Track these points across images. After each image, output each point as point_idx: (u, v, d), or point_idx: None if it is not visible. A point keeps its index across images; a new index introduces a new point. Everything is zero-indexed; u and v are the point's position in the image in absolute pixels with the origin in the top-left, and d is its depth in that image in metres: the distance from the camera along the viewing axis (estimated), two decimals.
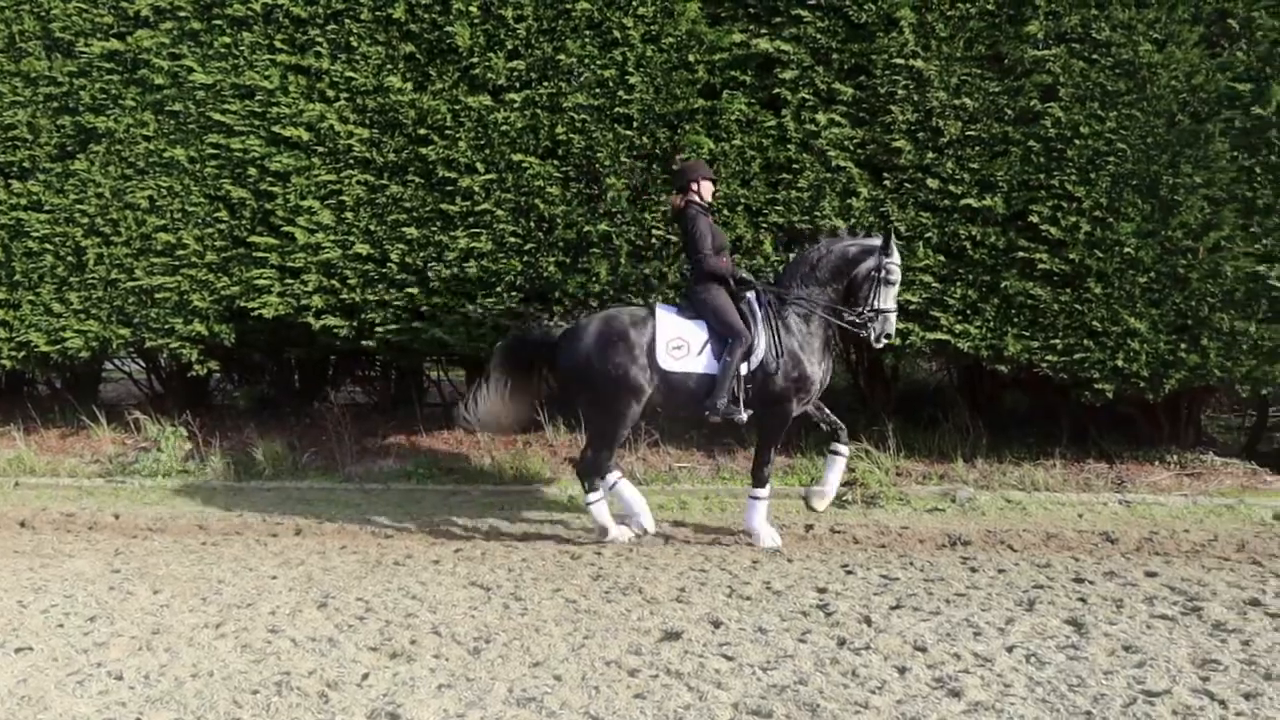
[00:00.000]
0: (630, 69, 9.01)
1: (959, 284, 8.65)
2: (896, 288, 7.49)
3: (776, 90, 8.90)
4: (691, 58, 8.94)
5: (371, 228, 9.47)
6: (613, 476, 7.65)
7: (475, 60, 9.24)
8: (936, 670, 4.91)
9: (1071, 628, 5.53)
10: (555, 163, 9.21)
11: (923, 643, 5.29)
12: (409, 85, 9.38)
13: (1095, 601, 5.99)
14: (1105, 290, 8.49)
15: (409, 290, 9.40)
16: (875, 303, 7.37)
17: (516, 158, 9.17)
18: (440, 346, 9.64)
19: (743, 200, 8.97)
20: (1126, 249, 8.41)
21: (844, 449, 7.75)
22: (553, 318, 9.16)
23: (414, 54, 9.36)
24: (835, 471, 7.75)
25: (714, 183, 8.02)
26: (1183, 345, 8.41)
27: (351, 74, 9.44)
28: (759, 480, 7.54)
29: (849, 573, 6.68)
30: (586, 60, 9.07)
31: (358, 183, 9.49)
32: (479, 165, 9.26)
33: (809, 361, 7.39)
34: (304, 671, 4.98)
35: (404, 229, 9.39)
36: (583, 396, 7.65)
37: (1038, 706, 4.48)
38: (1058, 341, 8.58)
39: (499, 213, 9.24)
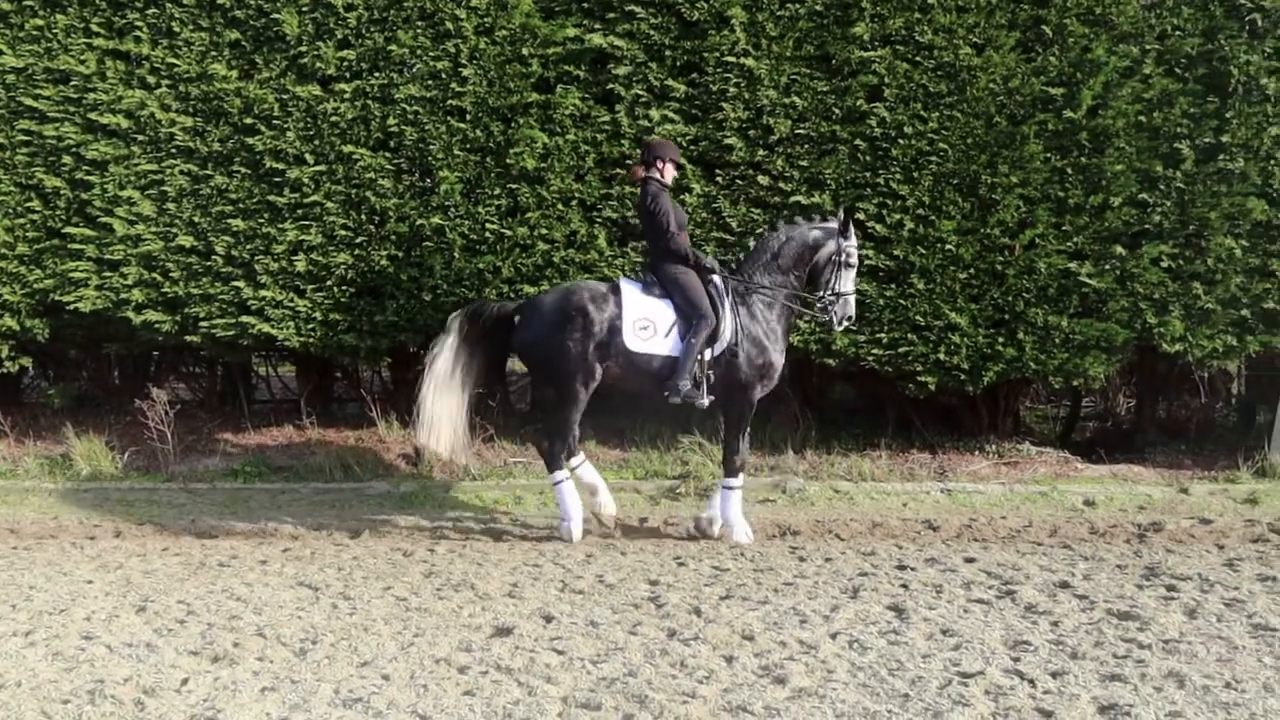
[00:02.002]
0: (463, 61, 8.92)
1: None
2: (855, 270, 7.55)
3: (610, 85, 8.91)
4: (525, 51, 8.89)
5: (195, 219, 9.15)
6: (576, 459, 7.56)
7: (304, 49, 9.01)
8: (763, 658, 4.98)
9: (893, 613, 5.66)
10: (387, 155, 9.05)
11: (750, 632, 5.35)
12: (234, 73, 9.10)
13: (916, 587, 6.15)
14: (928, 286, 8.74)
15: (235, 284, 9.12)
16: (836, 286, 7.42)
17: (347, 149, 8.99)
18: (269, 342, 9.38)
19: (577, 195, 8.96)
20: (948, 246, 8.67)
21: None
22: (384, 312, 9.00)
23: (240, 41, 9.08)
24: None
25: (679, 166, 7.92)
26: (1000, 339, 8.72)
27: (174, 60, 9.10)
28: (730, 470, 7.42)
29: (681, 565, 6.73)
30: (419, 51, 8.94)
31: (180, 173, 9.16)
32: (308, 156, 9.04)
33: (774, 349, 7.37)
34: (119, 679, 4.77)
35: (230, 221, 9.10)
36: (539, 373, 7.50)
37: (858, 691, 4.57)
38: (883, 335, 8.80)
39: (329, 205, 9.04)
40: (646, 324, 7.16)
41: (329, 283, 9.09)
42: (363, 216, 9.07)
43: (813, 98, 8.74)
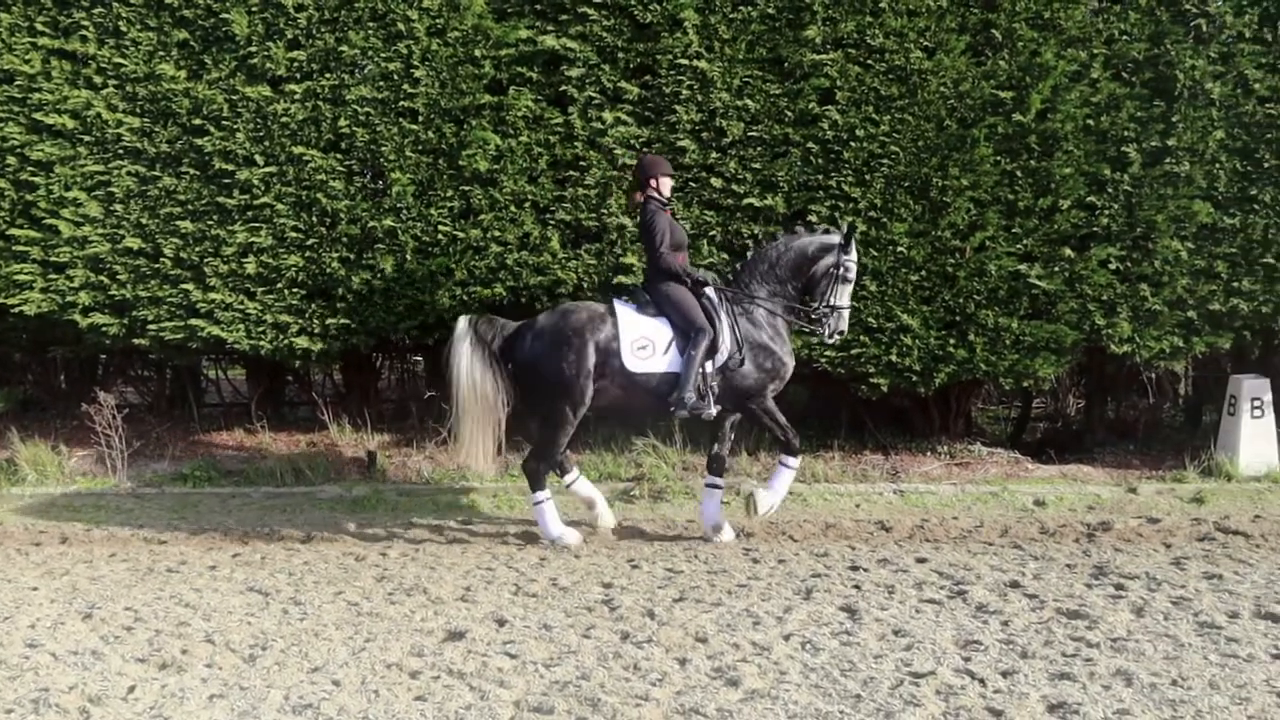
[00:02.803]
0: (415, 62, 8.86)
1: None
2: (852, 285, 7.57)
3: (563, 87, 8.89)
4: (478, 53, 8.85)
5: (143, 221, 9.03)
6: (569, 476, 7.58)
7: (254, 49, 8.92)
8: (716, 660, 4.99)
9: (846, 614, 5.69)
10: (338, 156, 8.98)
11: (704, 634, 5.36)
12: (183, 73, 8.99)
13: (869, 588, 6.19)
14: (880, 288, 8.78)
15: (184, 286, 9.01)
16: (831, 299, 7.42)
17: (298, 150, 8.91)
18: (218, 345, 9.29)
19: (530, 197, 8.93)
20: (899, 248, 8.72)
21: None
22: (336, 315, 8.93)
23: (188, 41, 8.97)
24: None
25: (673, 178, 7.88)
26: (951, 341, 8.78)
27: (120, 60, 8.98)
28: (790, 450, 7.46)
29: (635, 567, 6.73)
30: (370, 53, 8.88)
31: (128, 174, 9.03)
32: (258, 157, 8.96)
33: (781, 351, 7.39)
34: (64, 687, 4.71)
35: (178, 222, 8.99)
36: (533, 393, 7.41)
37: (811, 692, 4.60)
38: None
39: (279, 207, 8.96)
40: (645, 343, 7.15)
41: (279, 285, 9.00)
42: (314, 218, 8.99)
43: (765, 100, 8.76)
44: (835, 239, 7.49)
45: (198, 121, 8.98)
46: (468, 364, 7.31)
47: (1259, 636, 5.27)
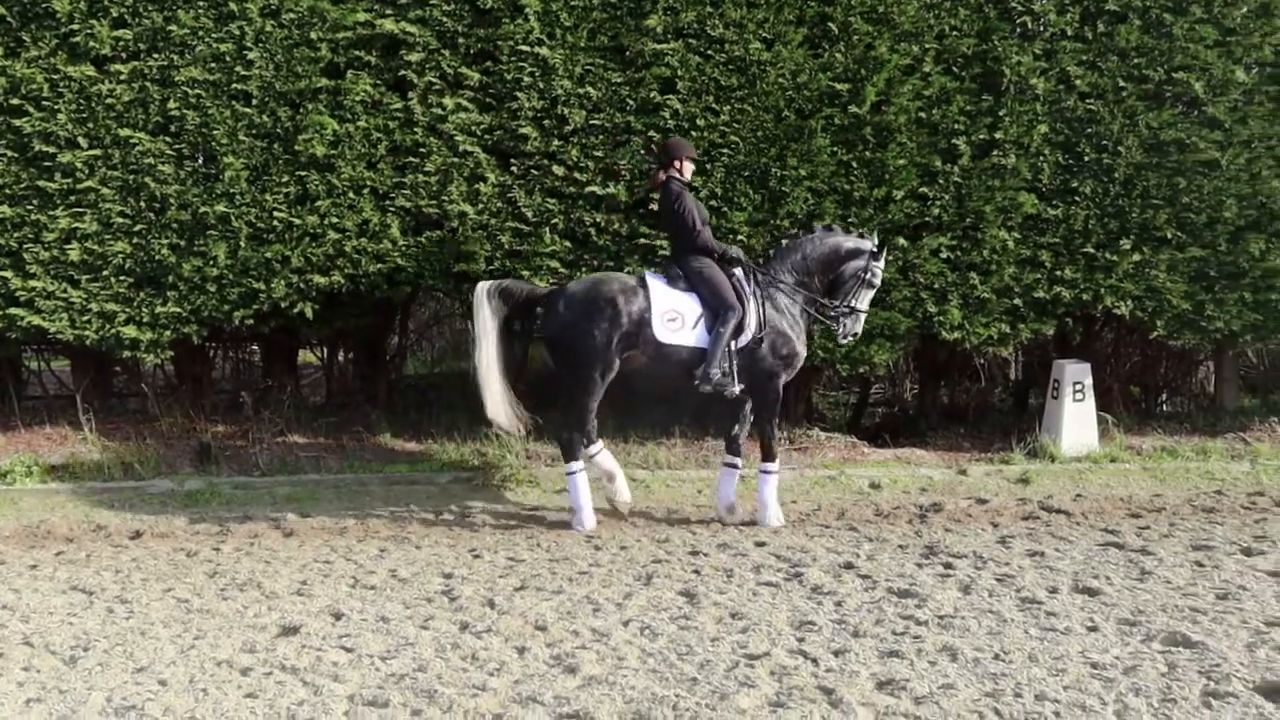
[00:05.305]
0: (249, 44, 8.62)
1: (584, 269, 8.80)
2: (874, 292, 7.74)
3: (403, 72, 8.77)
4: (314, 35, 8.65)
5: None
6: (595, 447, 7.57)
7: (76, 27, 8.53)
8: (555, 648, 5.02)
9: (685, 599, 5.78)
10: (168, 139, 8.68)
11: (543, 622, 5.38)
12: None
13: (708, 572, 6.28)
14: None
15: (2, 274, 8.60)
16: (853, 301, 7.61)
17: (124, 133, 8.58)
18: (40, 335, 8.88)
19: (369, 183, 8.79)
20: (740, 237, 8.83)
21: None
22: (166, 303, 8.64)
23: (5, 17, 8.52)
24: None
25: (695, 163, 7.96)
26: None
27: None
28: (767, 455, 7.57)
29: (476, 557, 6.71)
30: (201, 33, 8.59)
31: None
32: (81, 140, 8.60)
33: (798, 340, 7.51)
34: None
35: None
36: (564, 361, 7.42)
37: (648, 676, 4.66)
38: None
39: (105, 191, 8.62)
40: (675, 316, 7.28)
41: (105, 272, 8.67)
42: (141, 203, 8.68)
43: (607, 88, 8.78)
44: (869, 244, 7.66)
45: (15, 101, 8.55)
46: (489, 327, 7.44)
47: (1076, 610, 5.54)
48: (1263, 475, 8.85)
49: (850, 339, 7.89)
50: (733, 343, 7.33)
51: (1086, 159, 9.19)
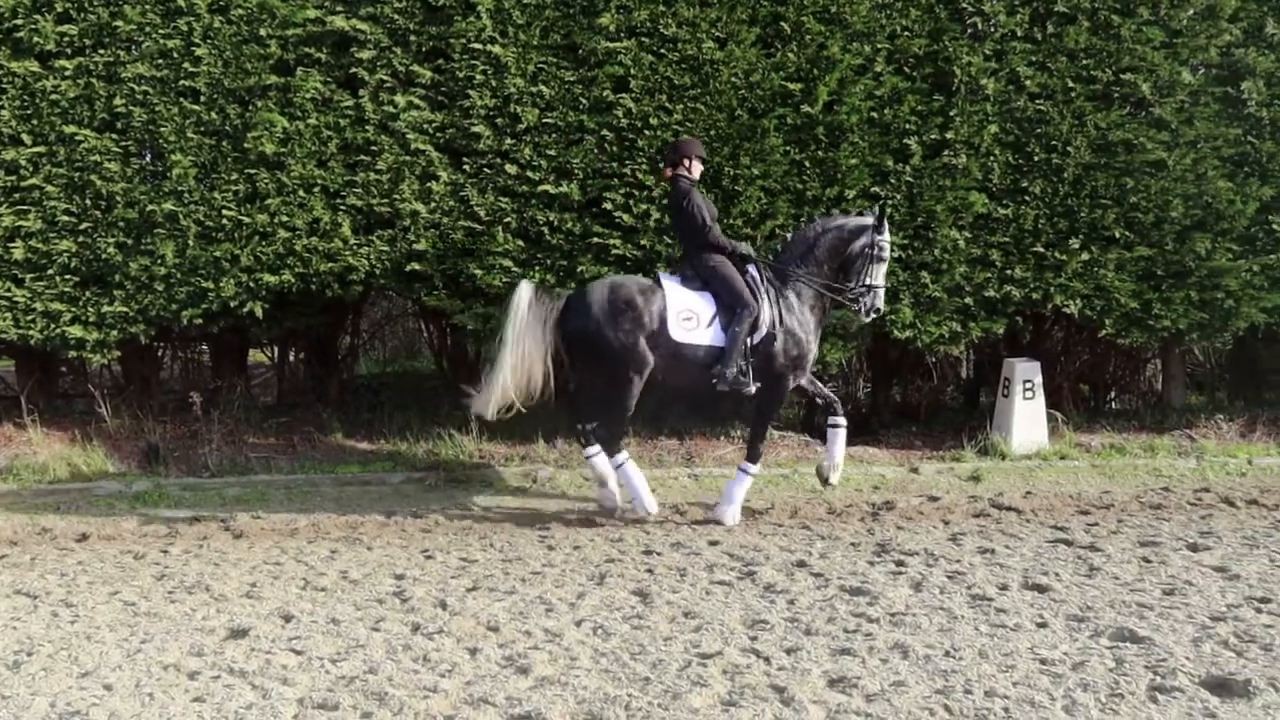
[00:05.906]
0: (197, 40, 8.53)
1: (537, 268, 8.78)
2: (886, 264, 7.73)
3: (354, 70, 8.71)
4: (263, 31, 8.57)
5: None
6: (620, 456, 7.53)
7: (20, 22, 8.40)
8: (507, 649, 5.01)
9: (638, 598, 5.78)
10: (114, 137, 8.58)
11: (496, 623, 5.37)
12: None
13: (661, 572, 6.29)
14: None
15: None
16: (867, 279, 7.60)
17: (69, 130, 8.47)
18: None
19: (320, 181, 8.72)
20: None
21: (841, 421, 7.79)
22: (113, 303, 8.53)
23: None
24: (838, 444, 7.77)
25: (705, 163, 7.99)
26: None
27: None
28: (753, 455, 7.66)
29: (429, 558, 6.67)
30: (148, 29, 8.49)
31: None
32: (25, 137, 8.48)
33: (807, 339, 7.50)
34: None
35: None
36: (591, 365, 7.45)
37: (600, 676, 4.66)
38: None
39: (49, 189, 8.50)
40: (690, 315, 7.33)
41: (50, 271, 8.56)
42: (87, 201, 8.57)
43: (560, 87, 8.76)
44: (869, 220, 7.69)
45: None
46: (521, 330, 7.43)
47: (1026, 607, 5.60)
48: (1209, 472, 8.98)
49: (874, 314, 7.87)
50: (748, 340, 7.39)
51: (1036, 159, 9.27)
